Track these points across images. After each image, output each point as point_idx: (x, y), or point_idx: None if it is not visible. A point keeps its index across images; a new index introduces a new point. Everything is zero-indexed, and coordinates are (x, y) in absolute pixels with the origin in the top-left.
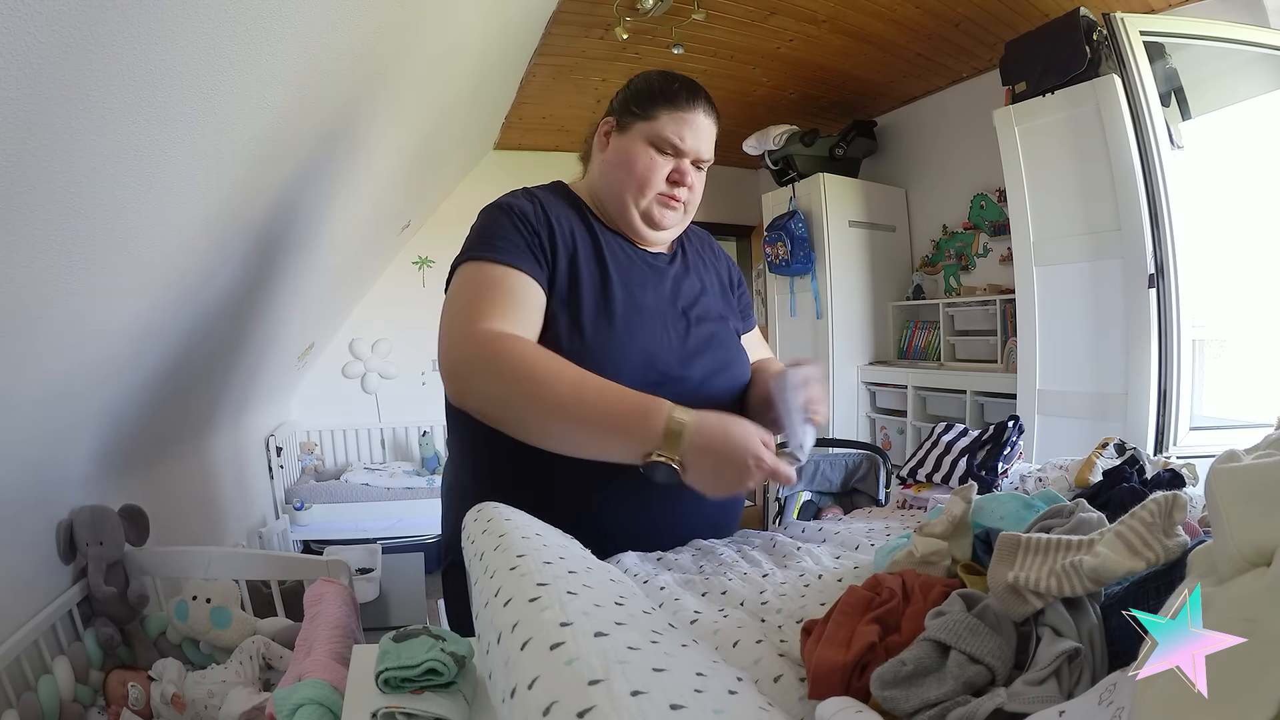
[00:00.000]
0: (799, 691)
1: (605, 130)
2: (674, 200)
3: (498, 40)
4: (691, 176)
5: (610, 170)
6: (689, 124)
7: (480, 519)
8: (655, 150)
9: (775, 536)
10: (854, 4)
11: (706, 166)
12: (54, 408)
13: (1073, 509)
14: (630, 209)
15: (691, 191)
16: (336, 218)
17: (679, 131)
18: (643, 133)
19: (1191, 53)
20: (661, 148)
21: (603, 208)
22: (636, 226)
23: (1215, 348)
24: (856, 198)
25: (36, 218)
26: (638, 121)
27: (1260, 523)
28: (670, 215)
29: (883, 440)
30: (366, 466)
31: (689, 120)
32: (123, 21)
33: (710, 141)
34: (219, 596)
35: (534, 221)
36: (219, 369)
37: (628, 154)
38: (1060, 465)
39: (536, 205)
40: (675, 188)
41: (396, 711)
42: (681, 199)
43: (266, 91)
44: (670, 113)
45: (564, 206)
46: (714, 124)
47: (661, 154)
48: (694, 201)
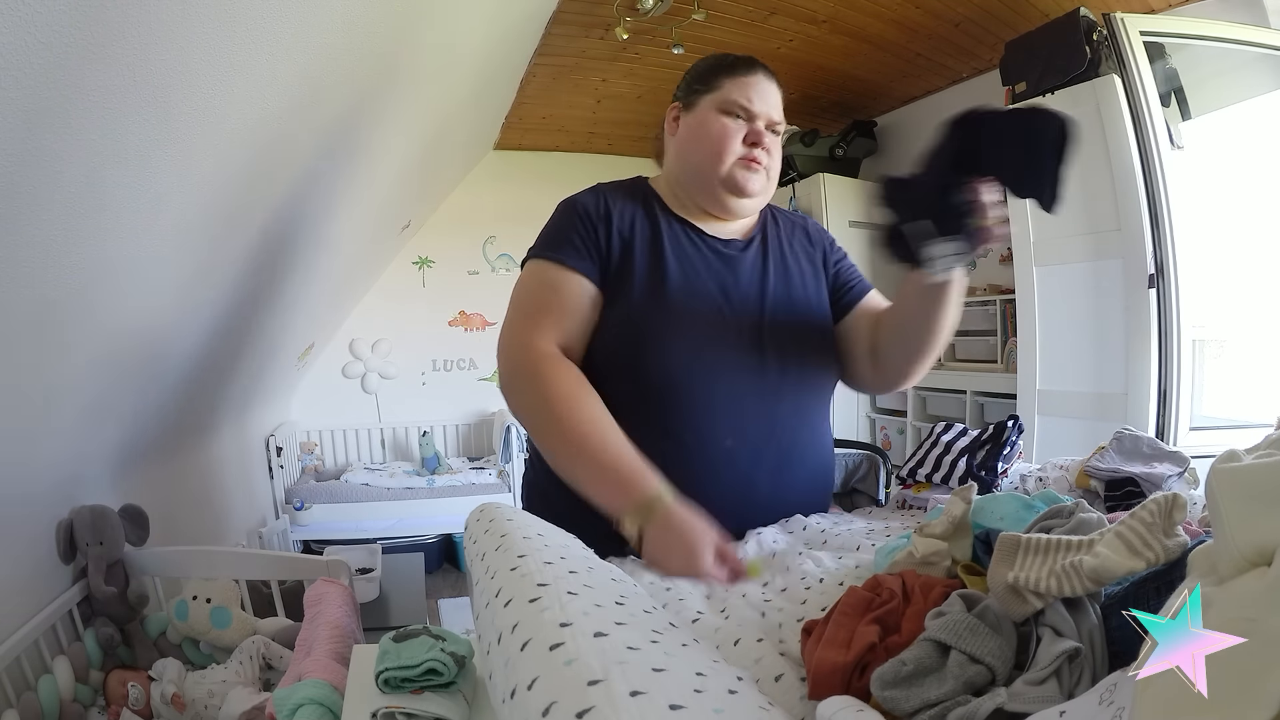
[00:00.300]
0: (799, 691)
1: (674, 115)
2: (754, 163)
3: (498, 41)
4: (768, 139)
5: (685, 148)
6: (754, 86)
7: (482, 519)
8: (727, 116)
9: (777, 537)
10: (854, 4)
11: (781, 131)
12: (54, 408)
13: (1073, 509)
14: (712, 180)
15: (770, 156)
16: (337, 218)
17: (746, 94)
18: (711, 104)
19: (1191, 53)
20: (732, 111)
21: (683, 193)
22: (722, 198)
23: (1215, 348)
24: (857, 198)
25: (36, 218)
26: (704, 95)
27: (1260, 523)
28: (754, 179)
29: (883, 440)
30: (366, 466)
31: (753, 83)
32: (123, 21)
33: (779, 105)
34: (219, 596)
35: (594, 217)
36: (219, 369)
37: (700, 126)
38: (1060, 465)
39: (600, 200)
40: (754, 149)
41: (396, 711)
42: (763, 162)
43: (266, 92)
44: (733, 79)
45: (630, 199)
46: (778, 90)
47: (733, 118)
48: (775, 167)
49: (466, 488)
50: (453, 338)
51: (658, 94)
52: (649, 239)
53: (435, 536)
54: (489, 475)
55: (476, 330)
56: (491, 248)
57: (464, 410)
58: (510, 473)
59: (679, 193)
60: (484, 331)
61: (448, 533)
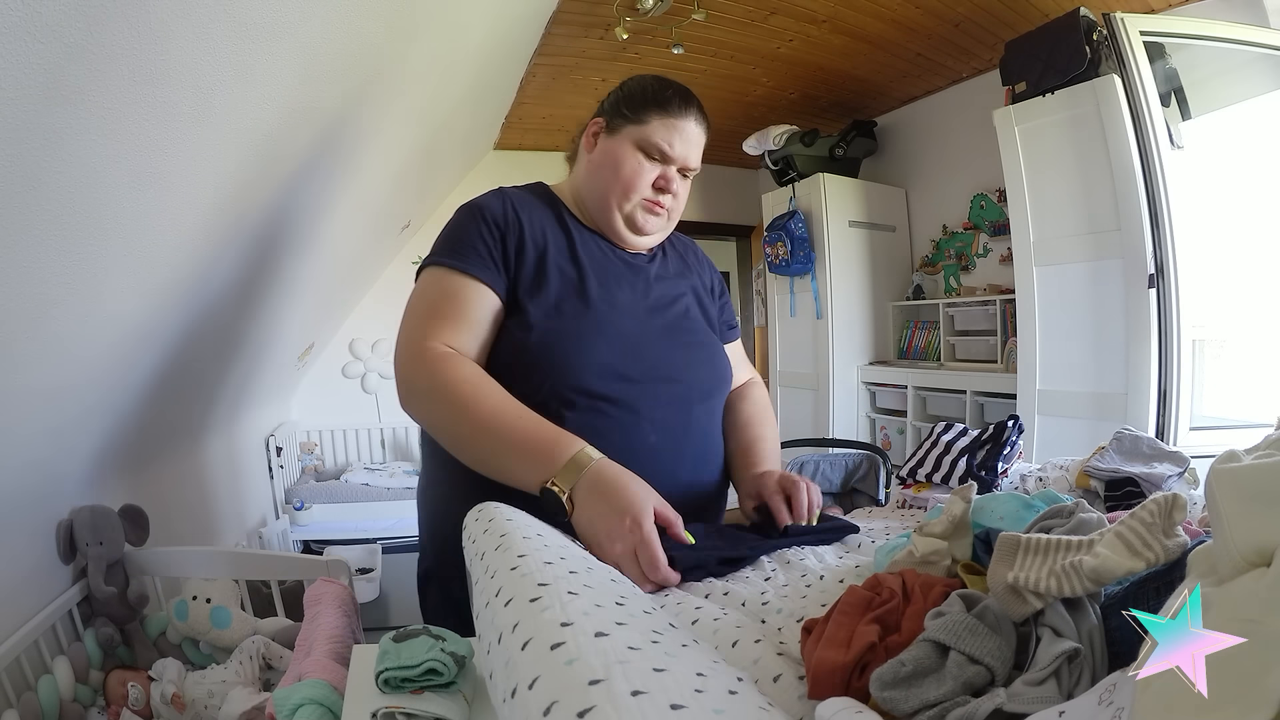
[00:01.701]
0: (799, 691)
1: (594, 131)
2: (658, 206)
3: (498, 41)
4: (677, 184)
5: (596, 172)
6: (679, 131)
7: (481, 519)
8: (643, 155)
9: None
10: (854, 4)
11: (693, 175)
12: (54, 408)
13: (1073, 509)
14: (613, 212)
15: (676, 199)
16: (337, 218)
17: (669, 138)
18: (631, 136)
19: (1191, 53)
20: (650, 153)
21: (585, 208)
22: (619, 229)
23: (1215, 348)
24: (856, 198)
25: (36, 218)
26: (628, 125)
27: (1260, 523)
28: (653, 221)
29: (883, 440)
30: (366, 466)
31: (679, 127)
32: (123, 21)
33: (699, 150)
34: (219, 596)
35: (501, 223)
36: (219, 369)
37: (614, 157)
38: (1060, 465)
39: (507, 205)
40: (660, 194)
41: (396, 711)
42: (666, 206)
43: (266, 91)
44: (662, 118)
45: (539, 206)
46: (704, 132)
47: (649, 159)
48: (678, 209)
49: None
50: None
51: None
52: (564, 247)
53: None
54: None
55: None
56: None
57: None
58: None
59: (583, 207)
60: None
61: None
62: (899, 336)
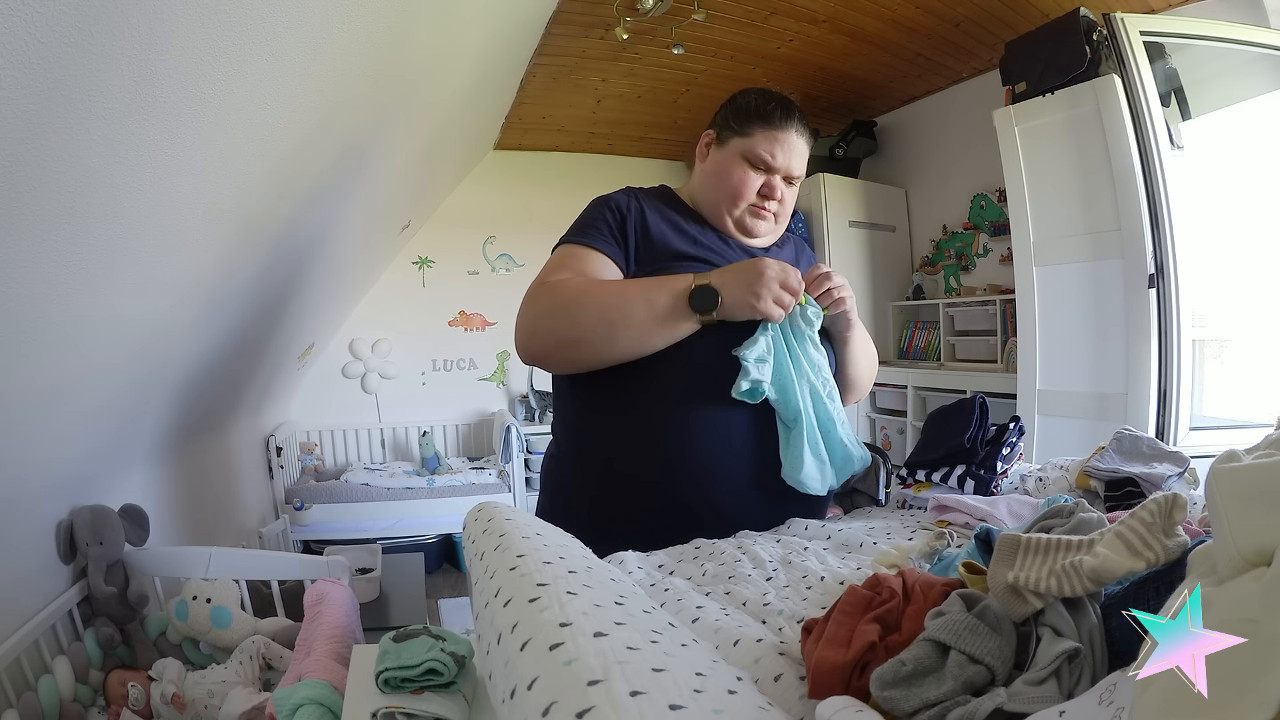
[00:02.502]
0: (799, 691)
1: (706, 142)
2: (764, 211)
3: (498, 40)
4: (781, 190)
5: (708, 180)
6: (781, 142)
7: (480, 519)
8: (749, 165)
9: (779, 536)
10: (854, 4)
11: (799, 181)
12: (54, 408)
13: (1073, 509)
14: (724, 217)
15: (782, 205)
16: (337, 218)
17: (771, 149)
18: (738, 148)
19: (1191, 53)
20: (755, 163)
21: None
22: (731, 233)
23: (1215, 348)
24: (856, 198)
25: (36, 218)
26: (735, 137)
27: (1260, 523)
28: (761, 225)
29: (883, 440)
30: (366, 466)
31: (781, 139)
32: (123, 21)
33: (803, 158)
34: (219, 596)
35: (624, 208)
36: (219, 369)
37: (723, 167)
38: (1060, 465)
39: (631, 196)
40: (766, 201)
41: (396, 711)
42: (772, 211)
43: (266, 92)
44: (765, 130)
45: (663, 203)
46: (806, 142)
47: (754, 169)
48: (785, 213)
49: (466, 488)
50: (453, 338)
51: (658, 94)
52: (687, 234)
53: (435, 536)
54: (489, 475)
55: (476, 330)
56: (491, 248)
57: (464, 410)
58: (510, 473)
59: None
60: (484, 331)
61: (448, 533)
62: (899, 336)
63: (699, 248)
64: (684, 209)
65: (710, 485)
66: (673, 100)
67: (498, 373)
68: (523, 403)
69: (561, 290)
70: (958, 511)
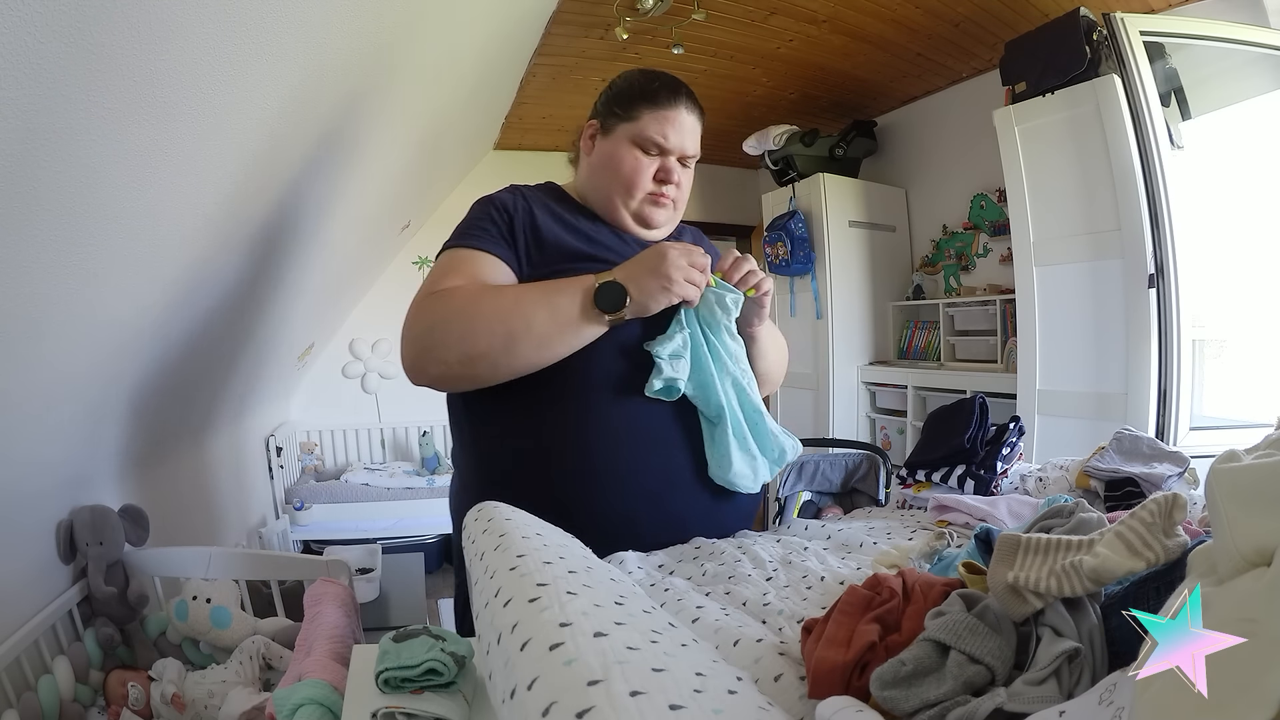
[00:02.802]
0: (799, 691)
1: (590, 134)
2: (663, 198)
3: (498, 40)
4: (678, 174)
5: (597, 173)
6: (672, 122)
7: (480, 519)
8: (640, 150)
9: (779, 536)
10: (854, 4)
11: (694, 162)
12: (54, 408)
13: (1073, 509)
14: (620, 210)
15: (679, 189)
16: (337, 218)
17: (662, 130)
18: (626, 134)
19: (1191, 53)
20: (646, 148)
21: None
22: (629, 227)
23: (1215, 348)
24: (856, 198)
25: (36, 218)
26: (621, 123)
27: (1260, 523)
28: (661, 213)
29: (883, 440)
30: (366, 466)
31: (671, 118)
32: (123, 21)
33: (695, 137)
34: (219, 596)
35: (510, 208)
36: (219, 369)
37: (613, 156)
38: (1060, 465)
39: (518, 194)
40: (663, 186)
41: (396, 711)
42: (670, 196)
43: (266, 91)
44: (652, 111)
45: (552, 200)
46: (698, 120)
47: (646, 154)
48: (683, 198)
49: None
50: None
51: None
52: (580, 231)
53: (435, 536)
54: None
55: None
56: None
57: None
58: None
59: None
60: None
61: (448, 533)
62: (899, 336)
63: (594, 246)
64: (574, 206)
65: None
66: None
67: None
68: None
69: (451, 299)
70: (958, 511)
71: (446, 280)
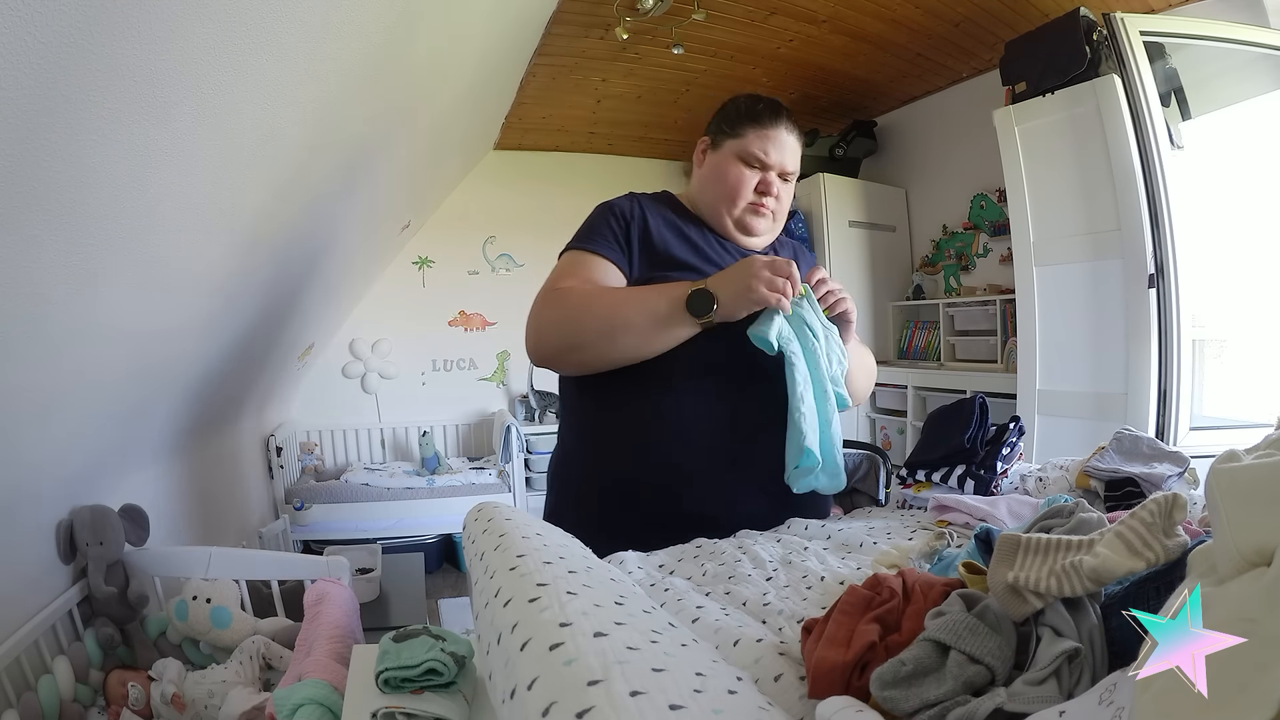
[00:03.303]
0: (799, 691)
1: (702, 149)
2: (762, 208)
3: (498, 40)
4: (777, 187)
5: (706, 183)
6: (773, 140)
7: (480, 519)
8: (744, 164)
9: (779, 536)
10: (854, 4)
11: (794, 179)
12: (54, 408)
13: (1073, 509)
14: (725, 217)
15: (779, 201)
16: (336, 217)
17: (764, 147)
18: (732, 149)
19: (1191, 53)
20: (749, 162)
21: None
22: (731, 233)
23: (1215, 348)
24: (856, 198)
25: (37, 218)
26: (728, 139)
27: (1260, 523)
28: (761, 222)
29: (883, 440)
30: (366, 466)
31: (773, 137)
32: (123, 22)
33: (795, 155)
34: (219, 596)
35: (627, 214)
36: (219, 369)
37: (720, 169)
38: (1060, 465)
39: (634, 202)
40: (763, 197)
41: (396, 711)
42: (770, 208)
43: (266, 92)
44: (756, 130)
45: (665, 208)
46: (798, 140)
47: (749, 168)
48: (782, 211)
49: (466, 488)
50: (453, 338)
51: (658, 94)
52: (686, 238)
53: (435, 536)
54: (489, 475)
55: (476, 330)
56: (491, 248)
57: (464, 410)
58: (510, 473)
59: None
60: (484, 331)
61: (448, 533)
62: (899, 336)
63: (698, 254)
64: (685, 214)
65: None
66: (673, 100)
67: (498, 373)
68: (522, 403)
69: (567, 297)
70: (958, 511)
71: (565, 280)
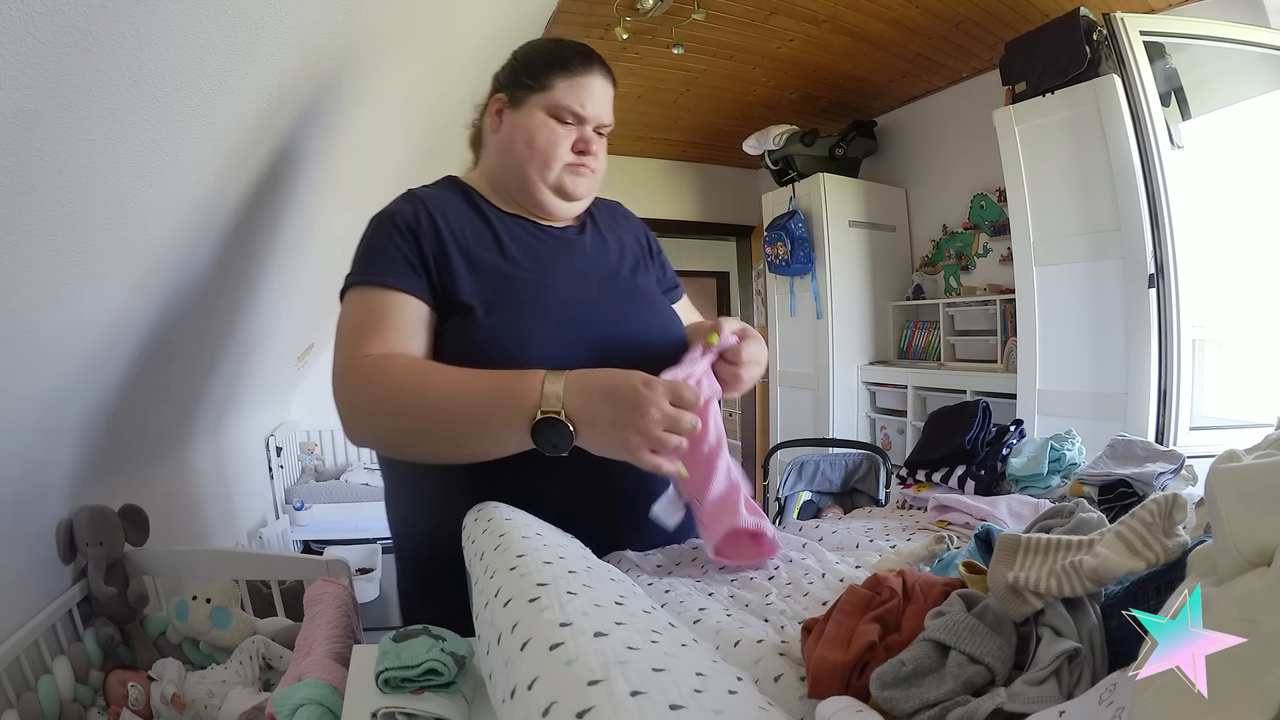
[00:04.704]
0: (799, 691)
1: (496, 108)
2: (583, 168)
3: (498, 40)
4: (596, 144)
5: (509, 149)
6: (587, 89)
7: (480, 519)
8: (555, 120)
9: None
10: (854, 4)
11: (608, 131)
12: (55, 407)
13: (1073, 509)
14: (538, 185)
15: (598, 159)
16: (337, 218)
17: (579, 98)
18: (539, 104)
19: (1191, 53)
20: (562, 117)
21: (503, 191)
22: (547, 202)
23: (1215, 348)
24: (856, 198)
25: (36, 218)
26: (532, 93)
27: (1260, 523)
28: (583, 183)
29: (883, 440)
30: (366, 466)
31: (587, 85)
32: (123, 21)
33: (610, 103)
34: (219, 596)
35: (414, 225)
36: (219, 369)
37: (526, 129)
38: None
39: (418, 206)
40: (582, 156)
41: (396, 711)
42: (590, 166)
43: (266, 92)
44: (567, 79)
45: (453, 200)
46: (611, 87)
47: (563, 124)
48: (601, 169)
49: None
50: None
51: (658, 94)
52: (488, 238)
53: None
54: None
55: None
56: None
57: None
58: None
59: (501, 190)
60: None
61: None
62: (899, 336)
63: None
64: (479, 201)
65: None
66: (673, 100)
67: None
68: None
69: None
70: (958, 511)
71: (366, 341)
